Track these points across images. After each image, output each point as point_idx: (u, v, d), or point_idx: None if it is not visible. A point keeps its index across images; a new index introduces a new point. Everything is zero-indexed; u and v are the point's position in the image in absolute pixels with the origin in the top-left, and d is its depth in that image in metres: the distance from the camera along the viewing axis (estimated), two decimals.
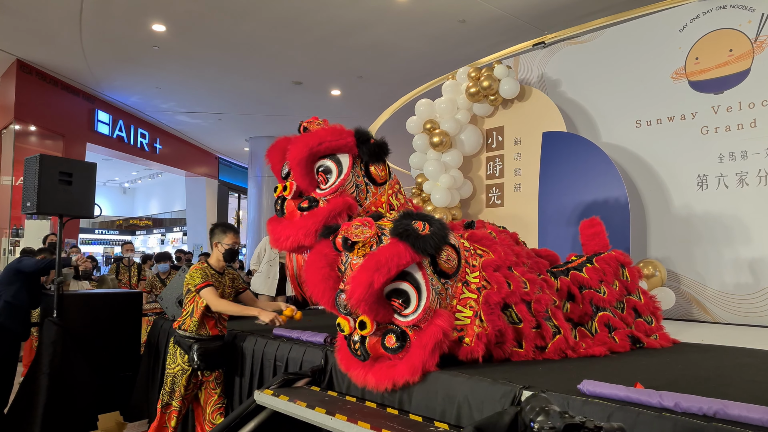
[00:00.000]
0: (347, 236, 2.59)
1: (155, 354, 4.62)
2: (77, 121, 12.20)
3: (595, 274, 3.48)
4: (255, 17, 8.31)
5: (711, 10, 5.32)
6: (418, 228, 2.51)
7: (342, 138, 3.15)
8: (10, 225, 10.23)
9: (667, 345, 3.42)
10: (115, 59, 10.40)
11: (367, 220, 2.65)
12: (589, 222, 4.05)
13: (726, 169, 5.12)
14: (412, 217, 2.59)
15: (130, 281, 8.31)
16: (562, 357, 2.97)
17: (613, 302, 3.41)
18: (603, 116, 6.05)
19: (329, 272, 2.67)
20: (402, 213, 2.70)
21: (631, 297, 3.53)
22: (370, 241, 2.56)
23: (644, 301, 3.55)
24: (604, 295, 3.39)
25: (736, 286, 4.98)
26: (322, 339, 3.37)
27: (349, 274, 2.56)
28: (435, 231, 2.53)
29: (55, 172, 4.51)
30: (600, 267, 3.53)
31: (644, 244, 5.56)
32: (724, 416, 1.76)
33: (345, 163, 3.16)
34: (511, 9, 7.67)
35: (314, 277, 2.66)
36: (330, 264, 2.68)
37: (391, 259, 2.41)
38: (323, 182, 3.15)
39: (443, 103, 6.71)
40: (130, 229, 26.15)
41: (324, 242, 2.73)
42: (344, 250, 2.62)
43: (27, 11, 8.39)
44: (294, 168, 3.13)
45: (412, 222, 2.53)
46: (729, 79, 5.16)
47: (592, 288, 3.40)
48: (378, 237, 2.57)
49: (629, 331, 3.33)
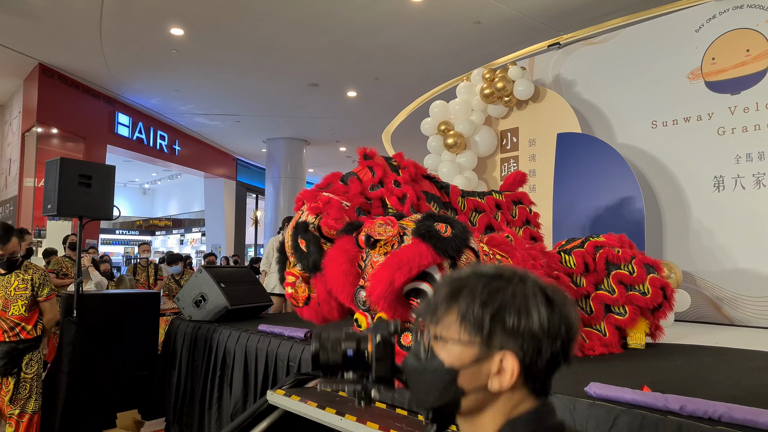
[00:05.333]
0: (370, 234, 2.65)
1: (172, 353, 4.70)
2: (98, 123, 12.40)
3: (611, 238, 3.54)
4: (272, 20, 8.39)
5: (728, 10, 5.27)
6: (441, 230, 2.53)
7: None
8: (33, 226, 10.43)
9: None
10: (135, 63, 10.56)
11: (390, 219, 2.70)
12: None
13: (743, 170, 5.07)
14: (435, 219, 2.62)
15: (148, 281, 8.42)
16: None
17: (627, 259, 3.40)
18: (618, 117, 6.02)
19: (350, 268, 2.72)
20: (424, 214, 2.72)
21: None
22: (392, 240, 2.61)
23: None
24: (618, 253, 3.41)
25: (753, 287, 4.92)
26: (303, 334, 3.53)
27: (370, 271, 2.60)
28: (457, 233, 2.55)
29: (75, 175, 4.59)
30: (617, 237, 3.60)
31: (660, 245, 5.52)
32: (729, 420, 1.76)
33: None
34: (526, 10, 7.65)
35: (335, 272, 2.71)
36: (351, 260, 2.73)
37: (413, 258, 2.44)
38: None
39: (458, 105, 6.72)
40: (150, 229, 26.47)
41: (346, 238, 2.78)
42: (366, 247, 2.67)
43: (49, 16, 8.56)
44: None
45: (434, 223, 2.56)
46: (746, 79, 5.11)
47: (606, 246, 3.43)
48: (400, 236, 2.61)
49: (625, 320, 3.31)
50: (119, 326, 4.76)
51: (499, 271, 0.97)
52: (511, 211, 4.18)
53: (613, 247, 3.45)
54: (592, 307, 3.32)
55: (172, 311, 6.74)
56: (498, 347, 0.91)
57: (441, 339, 0.95)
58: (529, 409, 0.94)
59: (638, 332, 3.39)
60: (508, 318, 0.91)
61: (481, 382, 0.93)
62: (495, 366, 0.91)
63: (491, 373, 0.92)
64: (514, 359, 0.91)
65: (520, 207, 4.24)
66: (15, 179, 11.86)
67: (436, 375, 0.94)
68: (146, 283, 8.40)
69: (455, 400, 0.94)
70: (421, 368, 0.97)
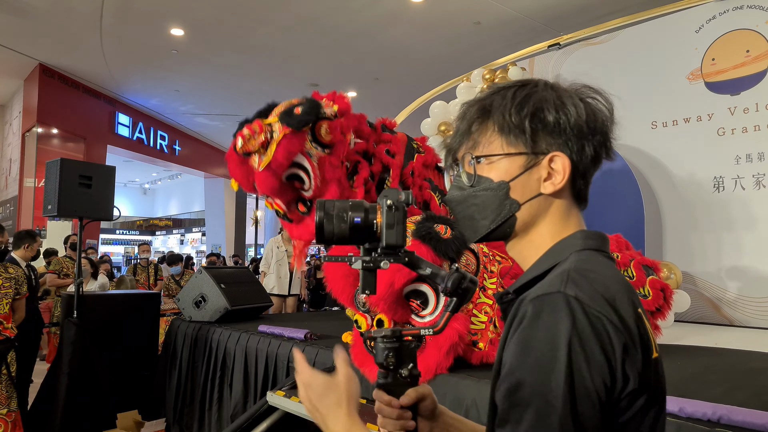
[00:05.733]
0: None
1: (172, 354, 4.70)
2: (98, 123, 12.41)
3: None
4: (272, 21, 8.40)
5: (728, 11, 5.27)
6: (440, 231, 2.54)
7: (289, 144, 2.85)
8: (33, 226, 10.43)
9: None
10: (135, 63, 10.57)
11: None
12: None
13: (743, 171, 5.07)
14: (435, 220, 2.62)
15: (148, 281, 8.43)
16: None
17: (627, 263, 3.39)
18: (618, 117, 5.99)
19: (349, 269, 2.72)
20: (424, 215, 2.72)
21: None
22: None
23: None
24: (617, 258, 3.40)
25: (753, 288, 4.92)
26: (303, 335, 3.52)
27: None
28: (457, 235, 2.55)
29: (76, 176, 4.60)
30: (613, 237, 3.58)
31: (660, 246, 5.52)
32: (728, 422, 1.76)
33: (305, 162, 2.94)
34: (526, 10, 7.65)
35: (334, 274, 2.71)
36: None
37: None
38: (302, 187, 2.99)
39: (458, 105, 6.70)
40: (150, 229, 26.47)
41: None
42: None
43: (49, 17, 8.56)
44: (271, 195, 3.00)
45: (434, 225, 2.56)
46: (746, 80, 5.11)
47: None
48: None
49: None
50: (119, 326, 4.76)
51: (523, 81, 0.93)
52: None
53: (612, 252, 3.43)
54: None
55: (172, 311, 6.74)
56: (544, 150, 0.89)
57: (484, 159, 0.91)
58: (576, 230, 0.92)
59: None
60: (548, 115, 0.88)
61: (534, 190, 0.90)
62: (544, 170, 0.89)
63: (541, 178, 0.89)
64: (563, 158, 0.89)
65: None
66: (15, 179, 11.86)
67: (488, 195, 0.91)
68: (146, 283, 8.41)
69: (511, 215, 0.90)
70: (469, 194, 0.93)
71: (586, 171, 0.93)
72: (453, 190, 0.96)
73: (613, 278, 0.83)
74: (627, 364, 0.74)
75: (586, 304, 0.74)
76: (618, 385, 0.73)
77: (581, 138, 0.89)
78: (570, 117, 0.88)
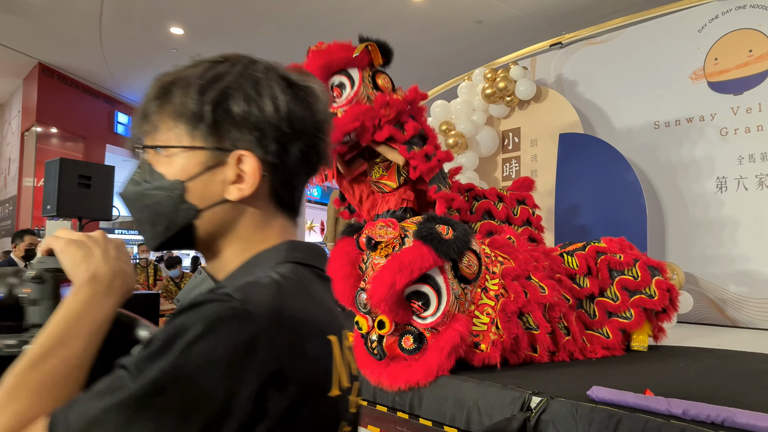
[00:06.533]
0: (371, 236, 2.64)
1: None
2: (97, 123, 12.40)
3: (611, 243, 3.53)
4: (272, 20, 8.37)
5: (730, 10, 5.24)
6: (442, 232, 2.52)
7: (351, 51, 3.45)
8: (32, 225, 10.41)
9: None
10: (135, 62, 10.54)
11: (391, 221, 2.70)
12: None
13: (745, 171, 5.05)
14: (436, 221, 2.61)
15: (147, 281, 8.41)
16: (572, 358, 3.01)
17: (631, 263, 3.39)
18: (621, 117, 6.00)
19: (351, 270, 2.72)
20: (426, 216, 2.71)
21: None
22: (393, 242, 2.60)
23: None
24: (620, 259, 3.39)
25: (756, 289, 4.90)
26: None
27: (371, 274, 2.59)
28: (458, 236, 2.55)
29: (75, 175, 4.57)
30: (617, 240, 3.59)
31: (662, 246, 5.49)
32: (732, 424, 1.74)
33: (356, 76, 3.53)
34: (527, 9, 7.63)
35: (336, 275, 2.70)
36: (352, 262, 2.73)
37: (414, 261, 2.44)
38: (338, 95, 3.48)
39: (459, 105, 6.70)
40: None
41: (346, 240, 2.77)
42: (367, 249, 2.66)
43: (49, 16, 8.54)
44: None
45: (436, 225, 2.55)
46: (749, 80, 5.08)
47: (608, 253, 3.42)
48: (401, 238, 2.60)
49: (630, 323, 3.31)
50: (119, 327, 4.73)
51: (223, 56, 0.80)
52: (513, 207, 4.19)
53: (614, 253, 3.42)
54: (596, 311, 3.31)
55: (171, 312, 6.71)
56: (229, 147, 0.73)
57: (161, 149, 0.75)
58: (279, 242, 0.77)
59: (641, 334, 3.37)
60: (234, 105, 0.72)
61: (218, 194, 0.74)
62: (232, 171, 0.73)
63: (227, 181, 0.74)
64: (253, 159, 0.73)
65: (522, 207, 4.23)
66: (14, 179, 11.84)
67: (161, 195, 0.75)
68: (145, 283, 8.39)
69: (188, 223, 0.75)
70: (141, 192, 0.77)
71: (291, 176, 0.77)
72: (129, 184, 0.80)
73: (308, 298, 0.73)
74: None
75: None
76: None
77: (281, 137, 0.74)
78: (265, 112, 0.73)
